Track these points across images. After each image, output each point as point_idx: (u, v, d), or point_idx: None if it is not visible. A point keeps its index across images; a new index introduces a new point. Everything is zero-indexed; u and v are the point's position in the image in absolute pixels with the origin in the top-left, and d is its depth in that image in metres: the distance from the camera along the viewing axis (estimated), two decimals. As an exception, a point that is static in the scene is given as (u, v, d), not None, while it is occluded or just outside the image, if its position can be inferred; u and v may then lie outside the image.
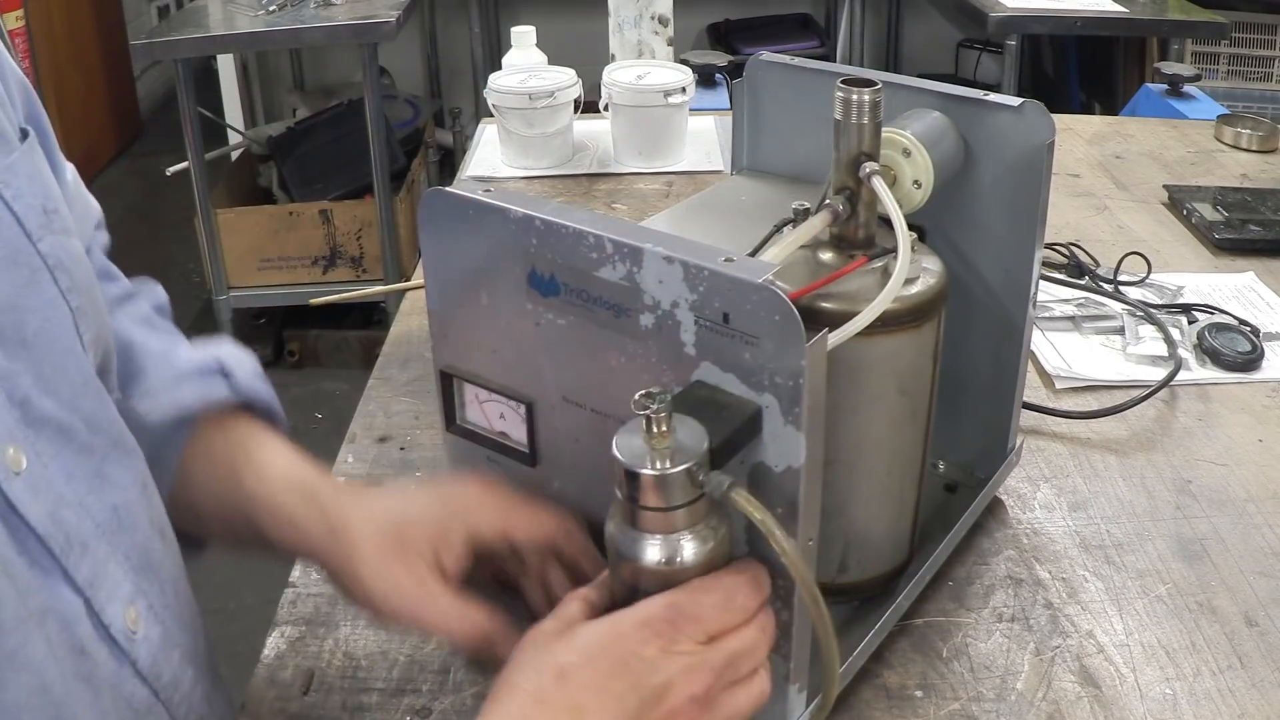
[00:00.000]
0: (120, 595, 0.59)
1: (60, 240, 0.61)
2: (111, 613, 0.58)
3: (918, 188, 0.75)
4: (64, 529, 0.56)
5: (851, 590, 0.78)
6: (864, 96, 0.68)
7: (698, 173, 1.57)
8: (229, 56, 3.47)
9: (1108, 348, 1.14)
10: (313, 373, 3.15)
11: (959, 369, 0.85)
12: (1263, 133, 1.67)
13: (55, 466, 0.57)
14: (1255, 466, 0.96)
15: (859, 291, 0.68)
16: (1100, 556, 0.86)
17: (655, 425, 0.53)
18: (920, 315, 0.71)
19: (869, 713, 0.72)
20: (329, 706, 0.73)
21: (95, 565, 0.58)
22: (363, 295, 1.38)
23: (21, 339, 0.56)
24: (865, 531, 0.76)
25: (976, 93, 0.79)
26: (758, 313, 0.55)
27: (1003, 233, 0.82)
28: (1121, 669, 0.76)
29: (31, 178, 0.60)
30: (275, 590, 0.82)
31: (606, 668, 0.55)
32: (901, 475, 0.76)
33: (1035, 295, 0.83)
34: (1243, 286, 1.26)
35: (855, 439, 0.72)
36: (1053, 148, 0.78)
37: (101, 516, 0.60)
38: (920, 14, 3.99)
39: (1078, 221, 1.41)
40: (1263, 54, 3.23)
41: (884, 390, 0.72)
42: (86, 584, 0.57)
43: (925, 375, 0.74)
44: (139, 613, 0.60)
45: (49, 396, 0.58)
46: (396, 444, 0.99)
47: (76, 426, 0.59)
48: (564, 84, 1.55)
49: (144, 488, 0.65)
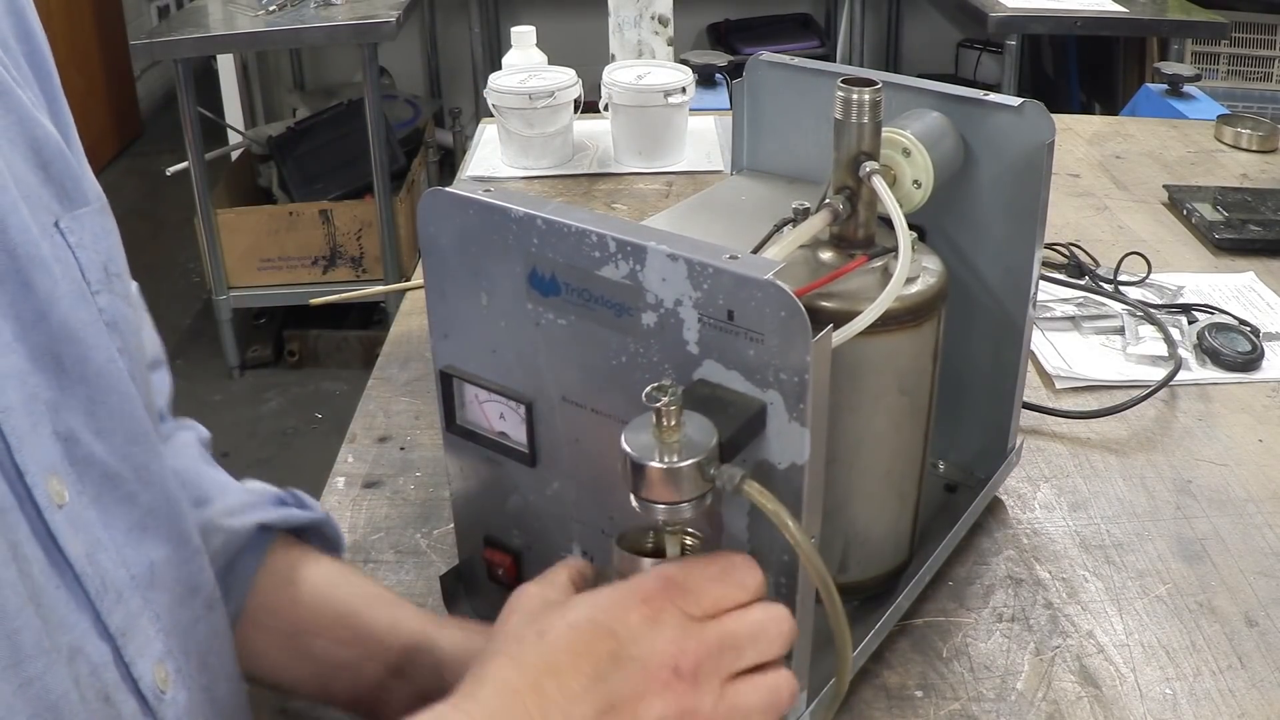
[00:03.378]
0: (151, 652, 0.57)
1: (119, 303, 0.60)
2: (142, 667, 0.57)
3: (918, 187, 0.75)
4: (100, 573, 0.55)
5: (852, 590, 0.77)
6: (864, 96, 0.68)
7: (698, 173, 1.57)
8: (229, 56, 3.47)
9: (1108, 348, 1.14)
10: (313, 373, 3.15)
11: (959, 369, 0.85)
12: (1263, 133, 1.67)
13: (95, 511, 0.56)
14: (1255, 466, 0.96)
15: (859, 290, 0.68)
16: (1100, 556, 0.86)
17: (666, 419, 0.53)
18: (920, 314, 0.71)
19: (869, 713, 0.72)
20: (329, 706, 0.73)
21: (128, 615, 0.56)
22: (363, 295, 1.37)
23: (81, 374, 0.56)
24: (865, 531, 0.76)
25: (976, 93, 0.79)
26: (763, 309, 0.55)
27: (1003, 232, 0.81)
28: (1121, 669, 0.76)
29: (98, 236, 0.60)
30: (275, 590, 0.82)
31: (589, 632, 0.54)
32: (902, 475, 0.76)
33: (1035, 295, 0.83)
34: (1243, 286, 1.26)
35: (856, 438, 0.72)
36: (1053, 148, 0.78)
37: (138, 569, 0.58)
38: (920, 14, 3.99)
39: (1078, 221, 1.41)
40: (1263, 54, 3.23)
41: (884, 389, 0.72)
42: (119, 632, 0.55)
43: (925, 374, 0.74)
44: (169, 673, 0.58)
45: (99, 439, 0.57)
46: (396, 444, 0.99)
47: (125, 475, 0.58)
48: (564, 84, 1.55)
49: (192, 553, 0.63)
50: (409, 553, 0.86)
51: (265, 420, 2.95)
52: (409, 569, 0.85)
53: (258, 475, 0.76)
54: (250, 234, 2.96)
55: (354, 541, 0.87)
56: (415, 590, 0.82)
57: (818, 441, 0.57)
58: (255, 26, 2.70)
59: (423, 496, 0.91)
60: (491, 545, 0.74)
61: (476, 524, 0.75)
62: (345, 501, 0.92)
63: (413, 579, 0.84)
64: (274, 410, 3.00)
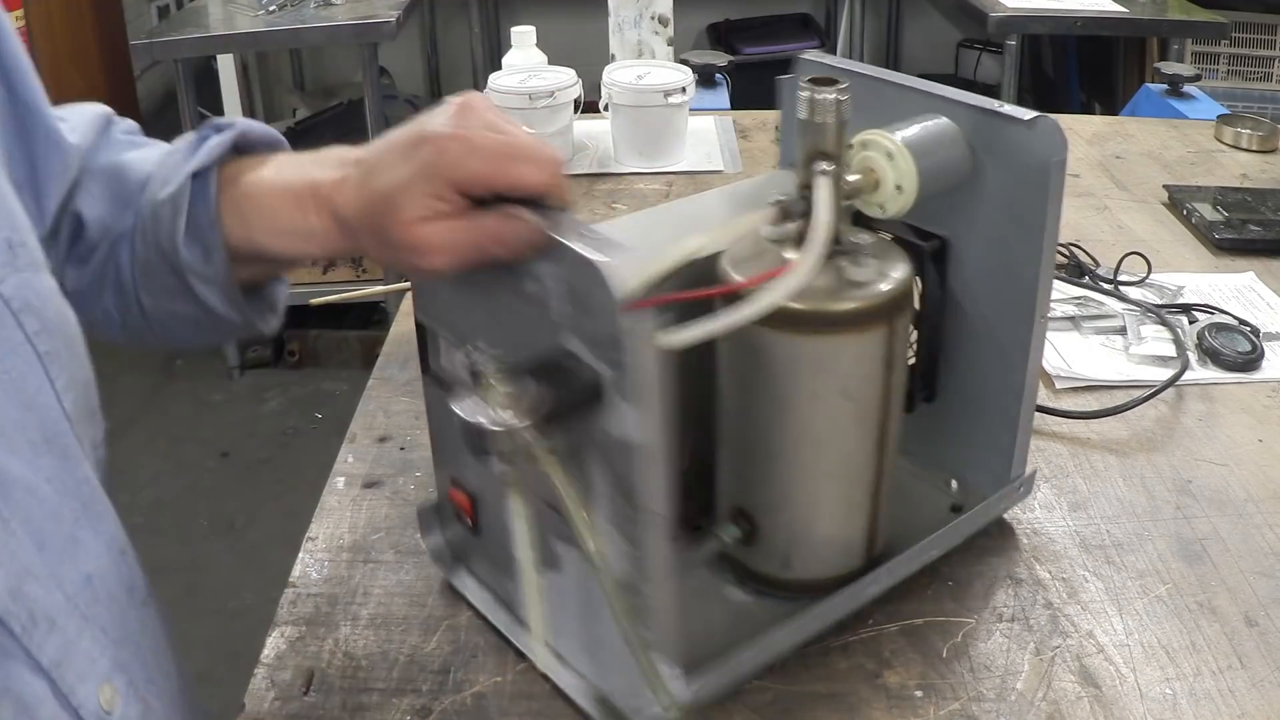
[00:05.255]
0: (95, 673, 0.56)
1: (26, 278, 0.58)
2: (83, 694, 0.55)
3: (900, 192, 0.74)
4: (28, 605, 0.53)
5: (797, 587, 0.79)
6: (829, 96, 0.68)
7: (698, 173, 1.57)
8: (229, 56, 3.47)
9: (1108, 348, 1.14)
10: (313, 373, 3.15)
11: (971, 387, 0.84)
12: (1263, 133, 1.67)
13: (25, 533, 0.54)
14: (1255, 466, 0.96)
15: (815, 289, 0.69)
16: (1100, 556, 0.86)
17: (490, 381, 0.59)
18: (863, 320, 0.71)
19: (869, 713, 0.72)
20: (329, 706, 0.73)
21: (64, 643, 0.55)
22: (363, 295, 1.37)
23: None
24: (807, 530, 0.77)
25: (990, 103, 0.77)
26: (593, 289, 0.57)
27: (1011, 249, 0.79)
28: (1121, 669, 0.76)
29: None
30: (275, 590, 0.82)
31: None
32: (849, 480, 0.76)
33: (1043, 316, 0.80)
34: (1243, 286, 1.26)
35: (793, 435, 0.74)
36: (1064, 166, 0.75)
37: (74, 588, 0.56)
38: (920, 14, 3.99)
39: (1078, 221, 1.41)
40: (1263, 54, 3.23)
41: (823, 390, 0.72)
42: (53, 664, 0.54)
43: (873, 381, 0.73)
44: (116, 690, 0.57)
45: (13, 456, 0.54)
46: (396, 444, 0.99)
47: (43, 488, 0.56)
48: (564, 84, 1.55)
49: (121, 553, 0.62)
50: (409, 553, 0.86)
51: (265, 420, 2.95)
52: (409, 569, 0.85)
53: (258, 475, 0.76)
54: (250, 234, 2.95)
55: (354, 541, 0.87)
56: (415, 590, 0.82)
57: (649, 421, 0.59)
58: (255, 26, 2.70)
59: (423, 496, 0.91)
60: (456, 486, 0.78)
61: (446, 465, 0.80)
62: (345, 501, 0.92)
63: (413, 579, 0.84)
64: (274, 410, 3.00)
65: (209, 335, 0.78)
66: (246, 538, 2.50)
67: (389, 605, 0.81)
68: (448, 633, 0.79)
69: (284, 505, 2.56)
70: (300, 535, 0.88)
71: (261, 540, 2.48)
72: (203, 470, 2.74)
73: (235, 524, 2.55)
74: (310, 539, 0.88)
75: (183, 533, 2.47)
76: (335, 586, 0.83)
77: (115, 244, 0.73)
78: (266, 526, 2.53)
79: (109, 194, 0.73)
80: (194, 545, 2.46)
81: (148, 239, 0.71)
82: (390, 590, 0.83)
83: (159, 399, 3.03)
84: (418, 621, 0.80)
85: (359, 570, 0.85)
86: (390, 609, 0.81)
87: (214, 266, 0.70)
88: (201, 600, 2.27)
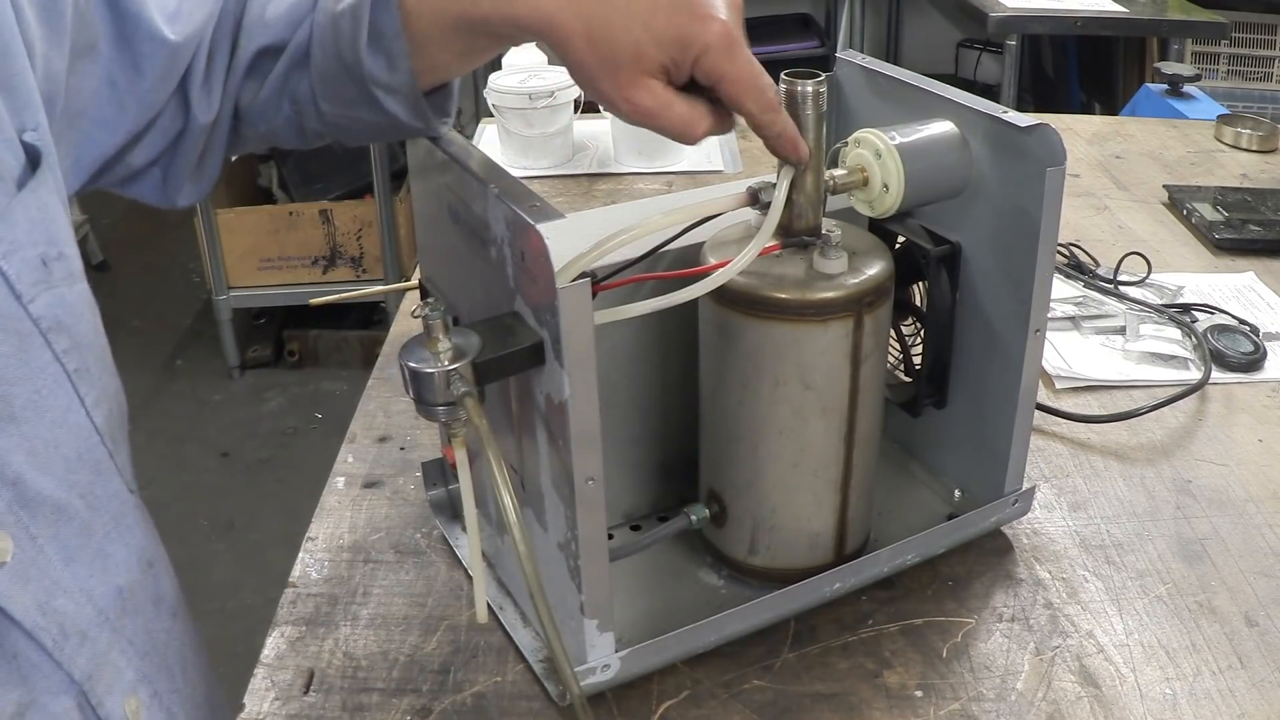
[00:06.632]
0: (121, 685, 0.57)
1: (60, 294, 0.57)
2: (110, 705, 0.56)
3: (887, 191, 0.74)
4: (58, 619, 0.53)
5: (763, 575, 0.81)
6: (807, 88, 0.69)
7: (698, 173, 1.57)
8: (229, 56, 3.47)
9: (1108, 348, 1.14)
10: (313, 373, 3.15)
11: (976, 396, 0.84)
12: (1263, 133, 1.67)
13: (54, 549, 0.54)
14: (1255, 466, 0.96)
15: (783, 276, 0.72)
16: (1100, 556, 0.86)
17: (431, 331, 0.61)
18: (825, 311, 0.72)
19: (869, 713, 0.72)
20: (329, 706, 0.73)
21: (95, 655, 0.55)
22: (363, 295, 1.38)
23: (10, 414, 0.53)
24: (771, 518, 0.78)
25: (995, 108, 0.76)
26: (536, 255, 0.60)
27: (1012, 256, 0.78)
28: (1121, 669, 0.76)
29: (33, 224, 0.55)
30: (275, 590, 0.82)
31: None
32: (813, 472, 0.77)
33: (1038, 330, 0.78)
34: (1243, 286, 1.26)
35: (756, 420, 0.75)
36: (1061, 175, 0.74)
37: (105, 600, 0.57)
38: (920, 14, 3.99)
39: (1078, 221, 1.41)
40: (1263, 54, 3.23)
41: (784, 378, 0.74)
42: (84, 677, 0.54)
43: (838, 375, 0.74)
44: (141, 702, 0.58)
45: (45, 474, 0.54)
46: (396, 444, 0.99)
47: (75, 504, 0.56)
48: (564, 84, 1.55)
49: (149, 565, 0.62)
50: (409, 553, 0.86)
51: (265, 420, 2.95)
52: (409, 569, 0.85)
53: (258, 475, 0.76)
54: (250, 234, 2.96)
55: (354, 541, 0.87)
56: (415, 590, 0.82)
57: (580, 383, 0.61)
58: None
59: (422, 496, 0.91)
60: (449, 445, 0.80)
61: None
62: (345, 501, 0.92)
63: (413, 579, 0.84)
64: (274, 410, 3.00)
65: (387, 136, 0.76)
66: (246, 537, 2.50)
67: (389, 605, 0.81)
68: (448, 633, 0.79)
69: (284, 505, 2.57)
70: (300, 535, 0.88)
71: (261, 540, 2.48)
72: (203, 470, 2.74)
73: (235, 524, 2.55)
74: (310, 539, 0.88)
75: (182, 533, 2.47)
76: (335, 586, 0.83)
77: (293, 58, 0.71)
78: (266, 526, 2.53)
79: (283, 14, 0.70)
80: (194, 545, 2.46)
81: (327, 49, 0.69)
82: (390, 590, 0.83)
83: (159, 399, 3.03)
84: (418, 621, 0.80)
85: (359, 570, 0.85)
86: (390, 609, 0.81)
87: (399, 75, 0.68)
88: (201, 600, 2.26)
